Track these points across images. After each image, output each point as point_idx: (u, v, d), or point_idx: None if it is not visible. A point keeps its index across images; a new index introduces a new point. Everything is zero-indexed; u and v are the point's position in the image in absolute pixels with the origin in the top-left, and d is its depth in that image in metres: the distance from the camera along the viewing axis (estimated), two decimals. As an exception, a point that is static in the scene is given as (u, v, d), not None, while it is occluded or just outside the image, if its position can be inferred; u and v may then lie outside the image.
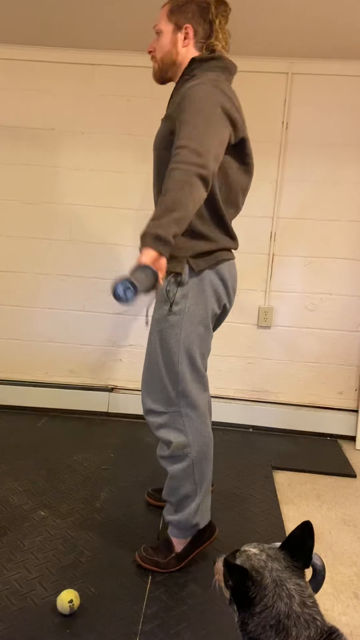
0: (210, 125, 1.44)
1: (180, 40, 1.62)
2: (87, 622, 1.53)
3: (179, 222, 1.36)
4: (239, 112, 1.58)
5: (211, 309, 1.66)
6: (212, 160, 1.42)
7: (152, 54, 1.69)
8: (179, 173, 1.37)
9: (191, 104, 1.46)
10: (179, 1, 1.61)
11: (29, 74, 2.85)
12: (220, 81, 1.54)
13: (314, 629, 0.92)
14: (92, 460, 2.52)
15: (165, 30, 1.63)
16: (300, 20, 2.34)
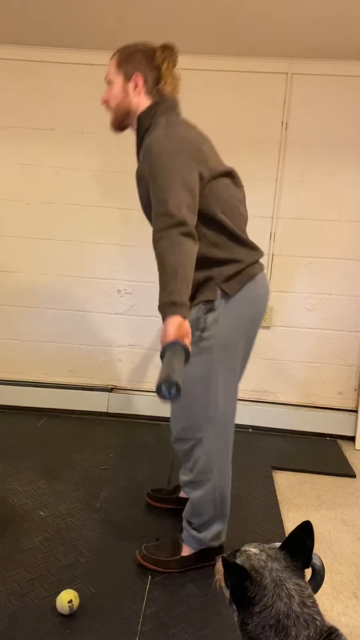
0: (176, 180, 1.46)
1: (132, 90, 1.65)
2: (87, 622, 1.53)
3: (184, 282, 1.41)
4: (200, 144, 1.56)
5: (244, 330, 1.65)
6: (187, 215, 1.45)
7: (107, 103, 1.73)
8: (164, 242, 1.43)
9: (153, 165, 1.50)
10: (126, 51, 1.66)
11: (28, 74, 2.85)
12: (172, 124, 1.57)
13: (313, 628, 0.92)
14: (91, 461, 2.52)
15: (115, 80, 1.67)
16: (300, 20, 2.34)
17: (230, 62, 2.77)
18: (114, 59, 1.67)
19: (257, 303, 1.68)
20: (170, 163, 1.47)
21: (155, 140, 1.52)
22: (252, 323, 1.68)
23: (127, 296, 3.01)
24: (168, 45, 1.65)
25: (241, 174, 2.88)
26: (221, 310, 1.60)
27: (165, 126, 1.56)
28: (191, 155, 1.51)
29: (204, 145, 1.58)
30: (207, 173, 1.55)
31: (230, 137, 2.83)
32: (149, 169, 1.51)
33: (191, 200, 1.48)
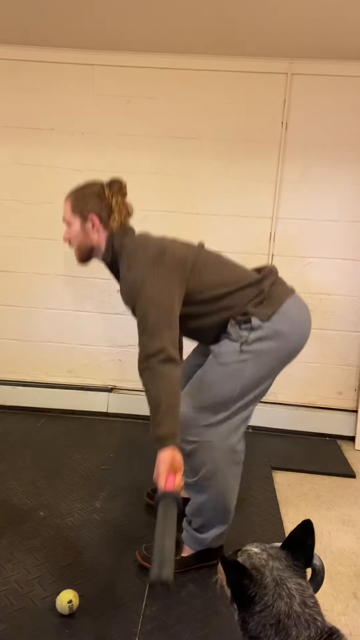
0: (150, 307, 1.54)
1: (90, 229, 1.75)
2: (86, 622, 1.53)
3: (169, 410, 1.45)
4: (165, 250, 1.62)
5: (280, 358, 1.66)
6: (166, 337, 1.52)
7: (69, 242, 1.81)
8: (146, 373, 1.53)
9: (129, 298, 1.61)
10: (77, 194, 1.76)
11: (28, 74, 2.85)
12: (132, 252, 1.64)
13: (314, 629, 0.92)
14: (91, 461, 2.52)
15: (73, 222, 1.76)
16: (300, 20, 2.34)
17: (230, 62, 2.77)
18: (69, 202, 1.77)
19: (302, 326, 1.67)
20: (142, 291, 1.56)
21: (125, 275, 1.64)
22: (293, 353, 1.69)
23: (127, 296, 3.01)
24: (114, 181, 1.79)
25: (241, 174, 2.90)
26: (266, 332, 1.61)
27: (127, 256, 1.66)
28: (160, 273, 1.58)
29: (168, 250, 1.63)
30: (186, 271, 1.63)
31: (230, 137, 2.84)
32: (126, 301, 1.64)
33: (169, 319, 1.55)
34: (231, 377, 1.62)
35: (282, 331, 1.63)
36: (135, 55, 2.79)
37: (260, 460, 2.64)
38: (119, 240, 1.72)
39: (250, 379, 1.63)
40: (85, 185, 1.79)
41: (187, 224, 2.92)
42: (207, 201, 2.90)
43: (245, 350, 1.61)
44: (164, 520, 1.30)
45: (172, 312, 1.56)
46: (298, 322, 1.67)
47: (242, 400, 1.65)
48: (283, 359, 1.67)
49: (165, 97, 2.83)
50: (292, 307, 1.68)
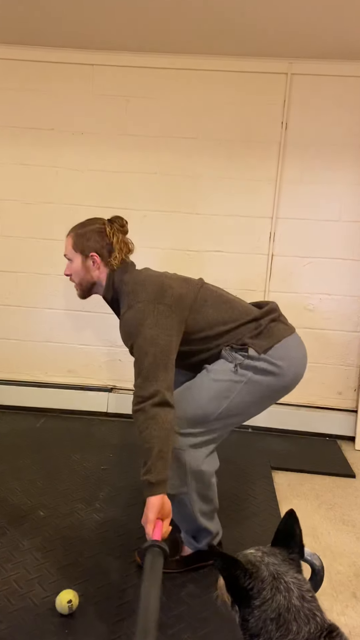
0: (148, 349, 1.53)
1: (91, 266, 1.76)
2: (86, 622, 1.53)
3: (159, 456, 1.46)
4: (163, 287, 1.62)
5: (271, 392, 1.66)
6: (161, 380, 1.52)
7: (71, 277, 1.82)
8: (140, 414, 1.52)
9: (128, 339, 1.61)
10: (79, 232, 1.76)
11: (28, 73, 2.85)
12: (132, 291, 1.64)
13: (314, 624, 0.91)
14: (91, 460, 2.52)
15: (74, 259, 1.77)
16: (300, 20, 2.34)
17: (230, 62, 2.77)
18: (70, 239, 1.77)
19: (291, 368, 1.65)
20: (140, 332, 1.56)
21: (124, 314, 1.64)
22: (285, 390, 1.68)
23: (127, 296, 3.01)
24: (116, 218, 1.78)
25: (241, 174, 2.90)
26: (260, 363, 1.61)
27: (127, 294, 1.66)
28: (160, 313, 1.58)
29: (168, 288, 1.63)
30: (186, 310, 1.63)
31: (230, 137, 2.84)
32: (125, 340, 1.64)
33: (165, 359, 1.54)
34: (220, 395, 1.61)
35: (278, 366, 1.62)
36: (135, 55, 2.79)
37: (260, 460, 2.64)
38: (120, 277, 1.73)
39: (237, 402, 1.62)
40: (87, 222, 1.79)
41: (187, 223, 2.92)
42: (207, 201, 2.90)
43: (240, 372, 1.61)
44: (150, 575, 1.30)
45: (170, 353, 1.56)
46: (294, 359, 1.66)
47: (222, 421, 1.64)
48: (273, 394, 1.67)
49: (165, 97, 2.84)
50: (290, 344, 1.67)
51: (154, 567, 1.31)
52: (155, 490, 1.43)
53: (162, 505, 1.43)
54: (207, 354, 1.68)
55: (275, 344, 1.64)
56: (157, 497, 1.42)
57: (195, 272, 2.93)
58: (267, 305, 1.75)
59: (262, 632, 0.94)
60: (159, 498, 1.42)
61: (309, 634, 0.90)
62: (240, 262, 2.94)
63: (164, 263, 2.81)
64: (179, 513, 1.70)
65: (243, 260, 2.93)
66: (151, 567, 1.31)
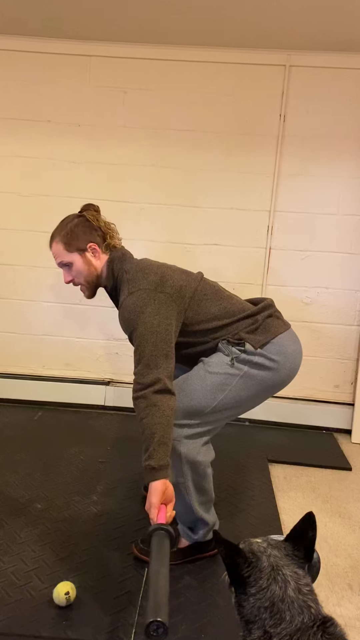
0: (148, 335, 1.54)
1: (92, 258, 1.74)
2: (84, 614, 1.54)
3: (161, 442, 1.46)
4: (164, 278, 1.62)
5: (266, 387, 1.66)
6: (162, 368, 1.53)
7: (73, 282, 1.79)
8: (140, 401, 1.51)
9: (127, 327, 1.60)
10: (66, 233, 1.73)
11: (24, 65, 2.83)
12: (132, 278, 1.64)
13: (307, 615, 0.94)
14: (88, 454, 2.53)
15: (73, 259, 1.74)
16: (298, 12, 2.32)
17: (228, 54, 2.75)
18: (58, 243, 1.74)
19: (287, 364, 1.66)
20: (141, 319, 1.56)
21: (125, 301, 1.63)
22: (280, 385, 1.69)
23: (124, 289, 3.00)
24: (89, 205, 1.78)
25: (239, 167, 2.89)
26: (256, 358, 1.61)
27: (127, 282, 1.65)
28: (160, 301, 1.58)
29: (168, 279, 1.63)
30: (185, 301, 1.63)
31: (228, 129, 2.82)
32: (125, 327, 1.63)
33: (165, 348, 1.55)
34: (215, 388, 1.62)
35: (274, 361, 1.63)
36: (132, 47, 2.77)
37: (257, 453, 2.65)
38: (119, 265, 1.72)
39: (232, 395, 1.63)
40: (64, 222, 1.76)
41: (184, 216, 2.92)
42: (205, 194, 2.89)
43: (236, 366, 1.62)
44: (157, 555, 1.31)
45: (170, 342, 1.56)
46: (290, 354, 1.67)
47: (218, 414, 1.64)
48: (269, 388, 1.67)
49: (162, 89, 2.82)
50: (286, 339, 1.68)
51: (161, 549, 1.32)
52: (158, 475, 1.43)
53: (165, 489, 1.44)
54: (203, 347, 1.68)
55: (272, 339, 1.64)
56: (160, 481, 1.43)
57: (193, 265, 2.93)
58: (263, 302, 1.75)
59: (256, 619, 0.97)
60: (161, 483, 1.43)
61: (302, 624, 0.93)
62: (237, 256, 2.94)
63: (161, 256, 2.81)
64: (176, 504, 1.71)
65: (240, 254, 2.93)
66: (158, 549, 1.32)
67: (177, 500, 1.70)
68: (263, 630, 0.95)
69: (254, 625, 0.97)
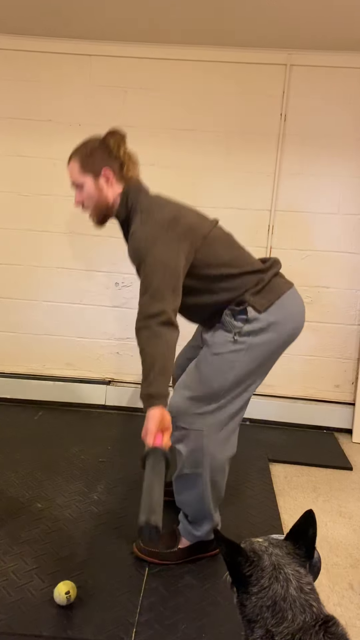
0: (157, 268, 1.50)
1: (104, 184, 1.68)
2: (84, 613, 1.54)
3: (162, 372, 1.45)
4: (179, 215, 1.59)
5: (277, 350, 1.66)
6: (169, 301, 1.50)
7: (82, 205, 1.74)
8: (144, 332, 1.49)
9: (136, 257, 1.56)
10: (83, 153, 1.68)
11: (25, 64, 2.82)
12: (147, 209, 1.61)
13: (309, 614, 0.94)
14: (89, 453, 2.53)
15: (85, 181, 1.68)
16: (299, 11, 2.32)
17: (229, 53, 2.75)
18: (74, 162, 1.69)
19: (295, 320, 1.67)
20: (151, 250, 1.52)
21: (136, 230, 1.58)
22: (286, 344, 1.68)
23: (125, 289, 3.00)
24: (115, 131, 1.72)
25: (239, 166, 2.89)
26: (259, 324, 1.61)
27: (141, 212, 1.61)
28: (172, 236, 1.55)
29: (183, 216, 1.61)
30: (198, 239, 1.60)
31: (229, 129, 2.82)
32: (134, 260, 1.58)
33: (173, 282, 1.52)
34: (224, 368, 1.62)
35: (276, 322, 1.62)
36: (133, 46, 2.77)
37: (257, 452, 2.65)
38: (135, 196, 1.66)
39: (242, 370, 1.62)
40: (88, 141, 1.70)
41: (185, 216, 2.91)
42: (205, 193, 2.89)
43: (239, 341, 1.61)
44: (152, 472, 1.30)
45: (178, 277, 1.53)
46: (293, 314, 1.67)
47: (234, 392, 1.65)
48: (275, 349, 1.66)
49: (163, 88, 2.82)
50: (289, 299, 1.68)
51: (156, 466, 1.31)
52: (157, 402, 1.43)
53: (162, 417, 1.42)
54: (208, 298, 1.65)
55: (275, 300, 1.64)
56: (158, 408, 1.42)
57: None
58: (270, 260, 1.75)
59: (258, 618, 0.97)
60: (159, 410, 1.42)
61: (304, 623, 0.92)
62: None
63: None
64: (189, 493, 1.72)
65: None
66: (153, 466, 1.31)
67: (190, 492, 1.72)
68: (265, 630, 0.95)
69: (256, 625, 0.96)
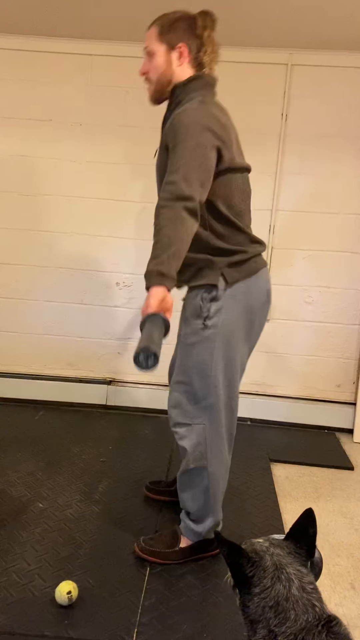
0: (195, 152, 1.45)
1: (175, 60, 1.60)
2: (85, 613, 1.54)
3: (176, 256, 1.40)
4: (229, 130, 1.58)
5: (245, 324, 1.66)
6: (198, 191, 1.44)
7: (146, 75, 1.67)
8: (168, 210, 1.41)
9: (177, 133, 1.48)
10: (167, 20, 1.60)
11: (26, 64, 2.82)
12: (206, 102, 1.56)
13: (312, 614, 0.93)
14: (90, 453, 2.53)
15: (157, 50, 1.61)
16: (300, 10, 2.32)
17: (230, 52, 2.73)
18: (154, 28, 1.61)
19: (258, 297, 1.68)
20: (195, 135, 1.46)
21: (188, 110, 1.50)
22: (253, 317, 1.68)
23: (126, 289, 3.00)
24: (207, 12, 1.62)
25: (240, 166, 2.87)
26: (224, 301, 1.60)
27: (200, 102, 1.54)
28: (217, 136, 1.51)
29: (232, 133, 1.58)
30: (227, 160, 1.54)
31: (230, 128, 2.81)
32: (173, 137, 1.48)
33: (205, 177, 1.47)
34: (202, 353, 1.62)
35: (237, 297, 1.61)
36: (134, 46, 2.76)
37: (259, 452, 2.65)
38: (197, 85, 1.59)
39: (221, 350, 1.62)
40: (176, 11, 1.61)
41: (186, 216, 2.91)
42: (206, 193, 2.88)
43: (209, 325, 1.60)
44: (151, 326, 1.28)
45: (210, 176, 1.47)
46: (254, 292, 1.66)
47: (221, 376, 1.64)
48: (245, 322, 1.66)
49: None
50: (256, 278, 1.67)
51: (155, 324, 1.30)
52: (163, 282, 1.37)
53: (165, 297, 1.38)
54: (201, 250, 1.60)
55: (246, 277, 1.63)
56: (163, 288, 1.38)
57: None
58: (261, 241, 1.75)
59: (261, 618, 0.96)
60: (163, 289, 1.38)
61: (306, 623, 0.92)
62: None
63: (163, 255, 2.80)
64: (194, 488, 1.73)
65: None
66: (152, 324, 1.30)
67: (194, 486, 1.73)
68: (268, 630, 0.94)
69: (259, 625, 0.96)
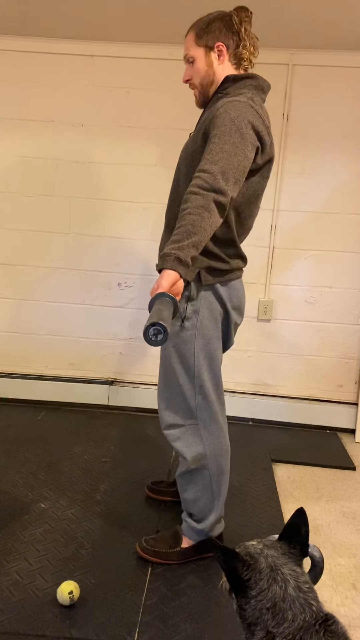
0: (237, 148, 1.44)
1: (215, 60, 1.62)
2: (87, 613, 1.54)
3: (196, 245, 1.38)
4: (269, 133, 1.58)
5: (221, 323, 1.69)
6: (232, 187, 1.43)
7: (190, 82, 1.67)
8: (199, 198, 1.39)
9: (222, 123, 1.46)
10: (202, 23, 1.62)
11: (27, 65, 2.83)
12: (254, 100, 1.56)
13: (309, 613, 0.94)
14: (92, 453, 2.53)
15: (197, 55, 1.62)
16: (301, 10, 2.32)
17: (231, 53, 2.74)
18: (191, 34, 1.62)
19: (231, 302, 1.69)
20: (240, 131, 1.45)
21: (236, 103, 1.49)
22: (228, 317, 1.70)
23: (128, 289, 3.00)
24: (242, 7, 1.63)
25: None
26: (201, 301, 1.62)
27: (249, 98, 1.54)
28: (259, 137, 1.52)
29: (269, 141, 1.59)
30: (257, 163, 1.55)
31: (231, 129, 2.81)
32: (219, 125, 1.46)
33: (241, 176, 1.46)
34: (185, 354, 1.65)
35: (214, 298, 1.64)
36: (135, 46, 2.77)
37: (260, 452, 2.65)
38: (250, 83, 1.60)
39: (201, 349, 1.64)
40: (208, 14, 1.61)
41: (188, 216, 2.91)
42: (208, 193, 2.88)
43: (188, 327, 1.62)
44: (161, 304, 1.29)
45: (244, 176, 1.47)
46: (230, 296, 1.68)
47: (207, 371, 1.67)
48: (222, 322, 1.69)
49: (165, 89, 2.82)
50: (232, 287, 1.69)
51: (163, 303, 1.30)
52: (177, 267, 1.35)
53: (177, 281, 1.36)
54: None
55: (217, 283, 1.64)
56: (176, 273, 1.36)
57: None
58: (245, 262, 1.74)
59: (258, 620, 0.97)
60: (176, 275, 1.36)
61: (304, 622, 0.93)
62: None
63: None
64: (195, 488, 1.74)
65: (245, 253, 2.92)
66: (161, 303, 1.30)
67: (196, 486, 1.74)
68: (266, 631, 0.95)
69: (257, 627, 0.96)
